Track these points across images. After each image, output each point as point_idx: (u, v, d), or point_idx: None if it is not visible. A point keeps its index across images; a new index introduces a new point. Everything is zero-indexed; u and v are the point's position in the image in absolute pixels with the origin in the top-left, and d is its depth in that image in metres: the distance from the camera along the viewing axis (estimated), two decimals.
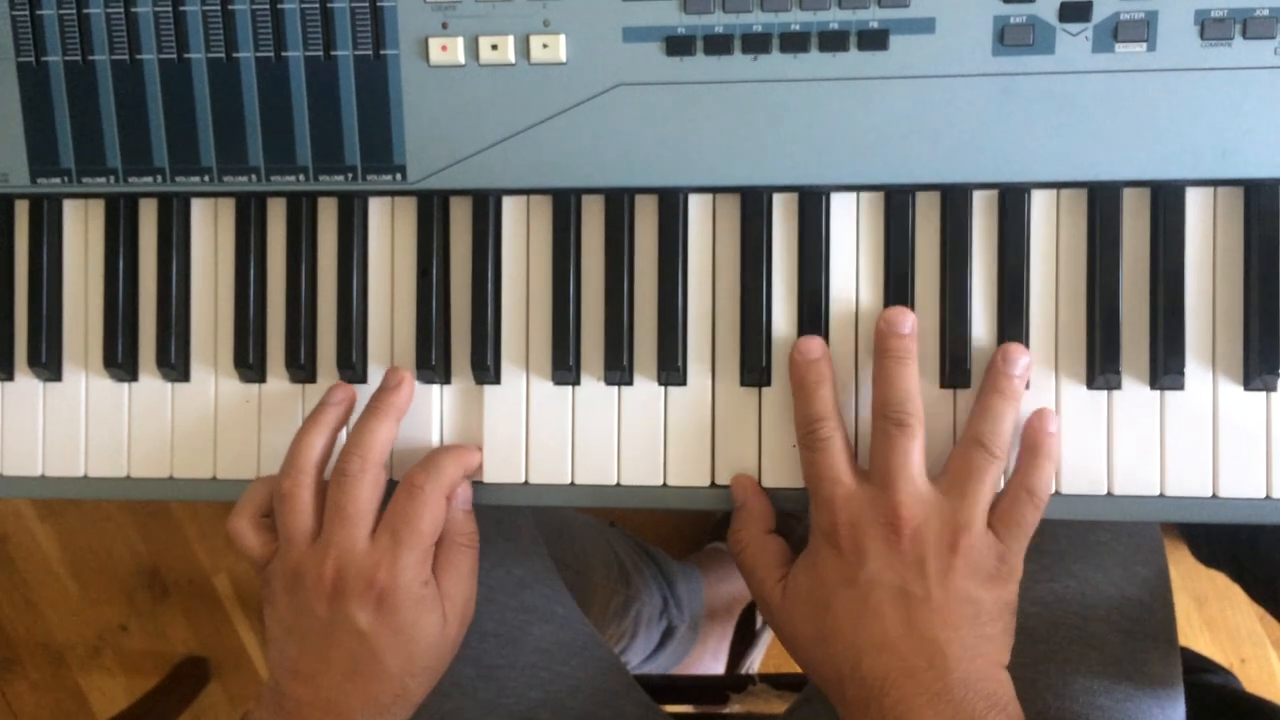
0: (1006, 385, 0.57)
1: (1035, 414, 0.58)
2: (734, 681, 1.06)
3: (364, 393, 0.63)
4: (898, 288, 0.59)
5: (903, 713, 0.54)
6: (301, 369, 0.63)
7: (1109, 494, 0.59)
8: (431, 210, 0.62)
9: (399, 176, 0.61)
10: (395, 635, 0.58)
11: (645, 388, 0.61)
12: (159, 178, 0.63)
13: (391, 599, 0.58)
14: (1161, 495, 0.58)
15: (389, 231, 0.63)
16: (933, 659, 0.54)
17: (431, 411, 0.63)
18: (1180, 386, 0.58)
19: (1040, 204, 0.59)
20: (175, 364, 0.63)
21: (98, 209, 0.65)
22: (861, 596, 0.56)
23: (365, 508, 0.59)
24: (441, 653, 0.61)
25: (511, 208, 0.62)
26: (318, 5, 0.60)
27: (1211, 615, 1.32)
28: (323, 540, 0.59)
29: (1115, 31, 0.57)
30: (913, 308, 0.59)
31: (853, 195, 0.60)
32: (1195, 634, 1.31)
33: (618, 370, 0.61)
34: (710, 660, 1.30)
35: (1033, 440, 0.58)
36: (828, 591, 0.57)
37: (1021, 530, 0.56)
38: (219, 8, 0.61)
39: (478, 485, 0.62)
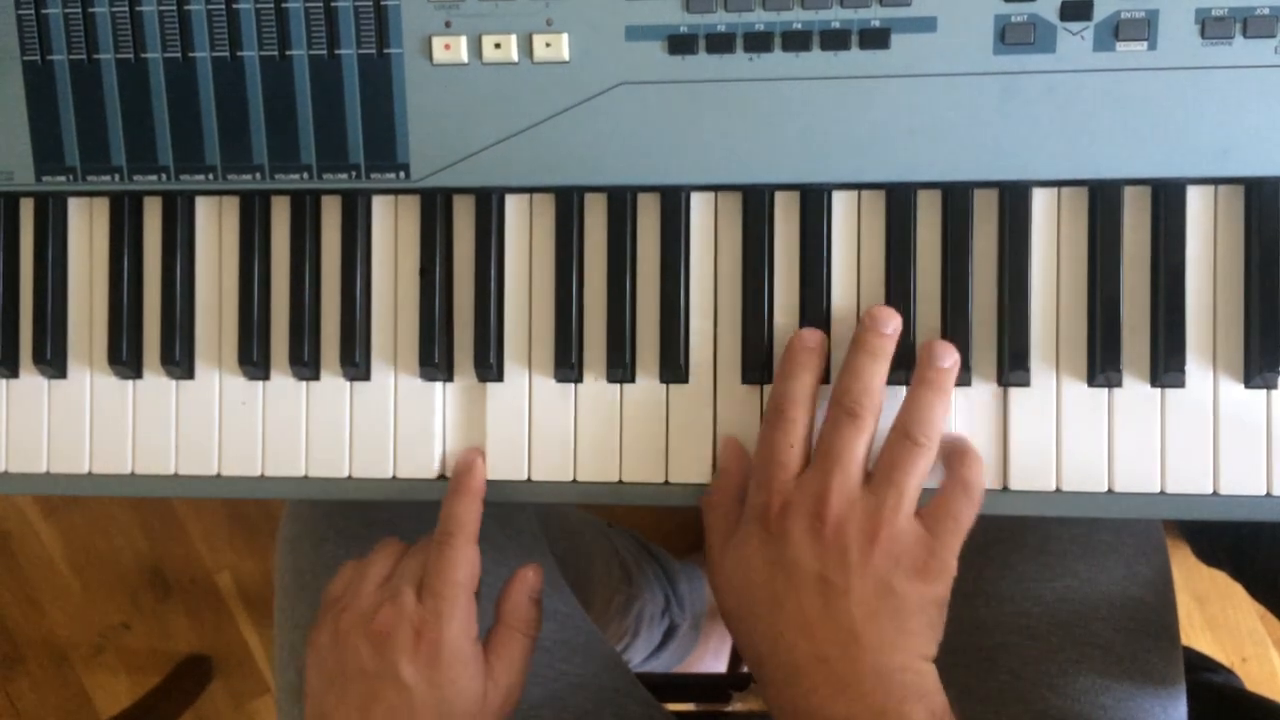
0: (934, 377, 0.57)
1: (954, 435, 0.59)
2: (736, 680, 1.06)
3: (369, 391, 0.63)
4: (899, 286, 0.60)
5: (815, 702, 0.54)
6: (305, 366, 0.63)
7: (1110, 491, 0.59)
8: (435, 208, 0.62)
9: (402, 175, 0.62)
10: (435, 691, 0.58)
11: (647, 385, 0.61)
12: (163, 176, 0.63)
13: (435, 652, 0.57)
14: (1162, 492, 0.58)
15: (392, 230, 0.63)
16: (846, 647, 0.54)
17: (434, 409, 0.63)
18: (1181, 384, 0.58)
19: (1041, 202, 0.59)
20: (179, 361, 0.64)
21: (102, 207, 0.65)
22: (784, 580, 0.56)
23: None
24: None
25: (514, 206, 0.63)
26: (322, 4, 0.61)
27: (1213, 614, 1.32)
28: (386, 589, 0.60)
29: (1116, 30, 0.57)
30: (914, 306, 0.60)
31: (854, 194, 0.60)
32: (1197, 633, 1.31)
33: (620, 368, 0.61)
34: (712, 659, 1.30)
35: (956, 445, 0.58)
36: (752, 571, 0.57)
37: (955, 524, 0.56)
38: (224, 7, 0.61)
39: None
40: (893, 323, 0.58)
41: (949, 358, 0.57)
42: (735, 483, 0.60)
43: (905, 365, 0.59)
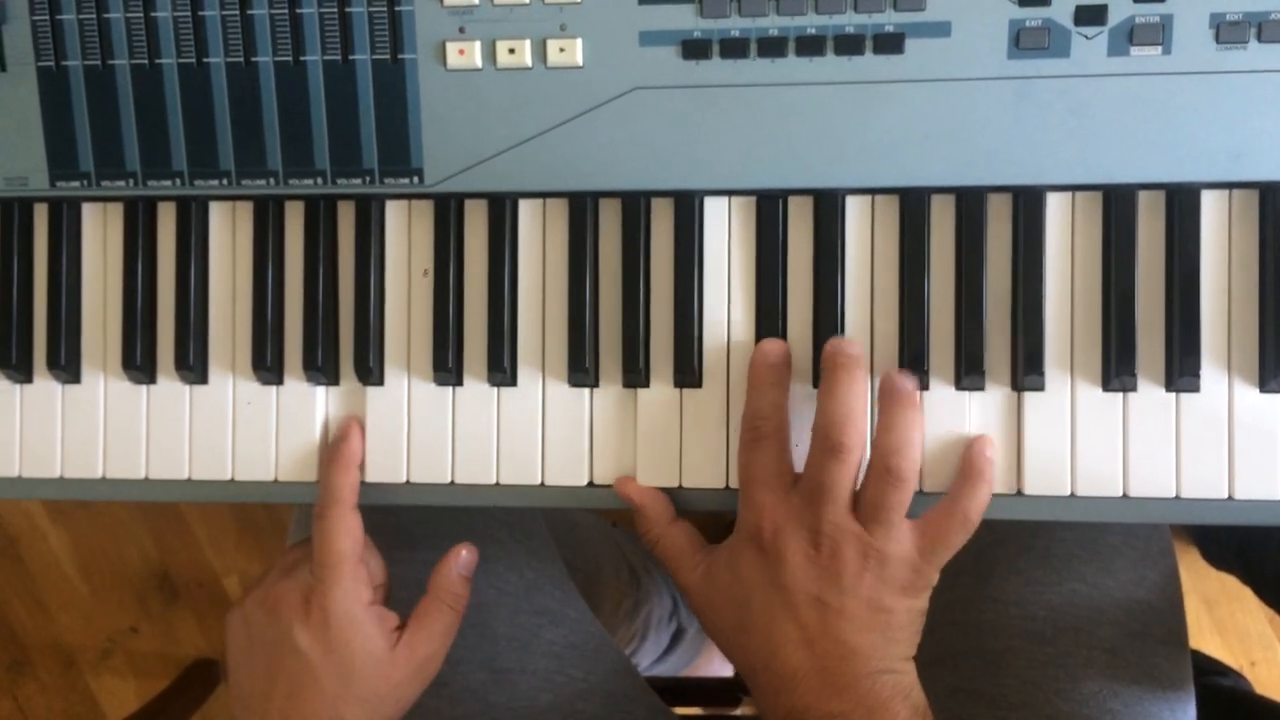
0: (906, 398, 0.57)
1: (976, 439, 0.58)
2: (743, 683, 1.06)
3: (378, 397, 0.63)
4: (913, 290, 0.60)
5: (809, 702, 0.57)
6: (319, 371, 0.63)
7: (1124, 496, 0.59)
8: (448, 214, 0.62)
9: (416, 180, 0.62)
10: (330, 655, 0.60)
11: (661, 391, 0.61)
12: (177, 181, 0.63)
13: (324, 618, 0.60)
14: (1177, 497, 0.58)
15: (406, 235, 0.63)
16: (844, 658, 0.57)
17: (447, 414, 0.63)
18: (1196, 389, 0.58)
19: (1055, 206, 0.59)
20: (193, 366, 0.64)
21: (116, 212, 0.65)
22: (781, 599, 0.58)
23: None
24: (380, 686, 0.61)
25: (528, 211, 0.63)
26: (336, 10, 0.61)
27: (1221, 617, 1.32)
28: (280, 568, 0.63)
29: (1130, 35, 0.57)
30: (928, 310, 0.60)
31: (868, 198, 0.60)
32: (1205, 636, 1.31)
33: (634, 372, 0.61)
34: (720, 662, 1.30)
35: (972, 464, 0.58)
36: (748, 589, 0.59)
37: (946, 550, 0.57)
38: (238, 12, 0.61)
39: (495, 487, 0.63)
40: (856, 345, 0.58)
41: (910, 380, 0.58)
42: (656, 512, 0.61)
43: (919, 369, 0.59)
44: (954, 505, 0.57)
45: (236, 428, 0.64)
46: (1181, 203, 0.58)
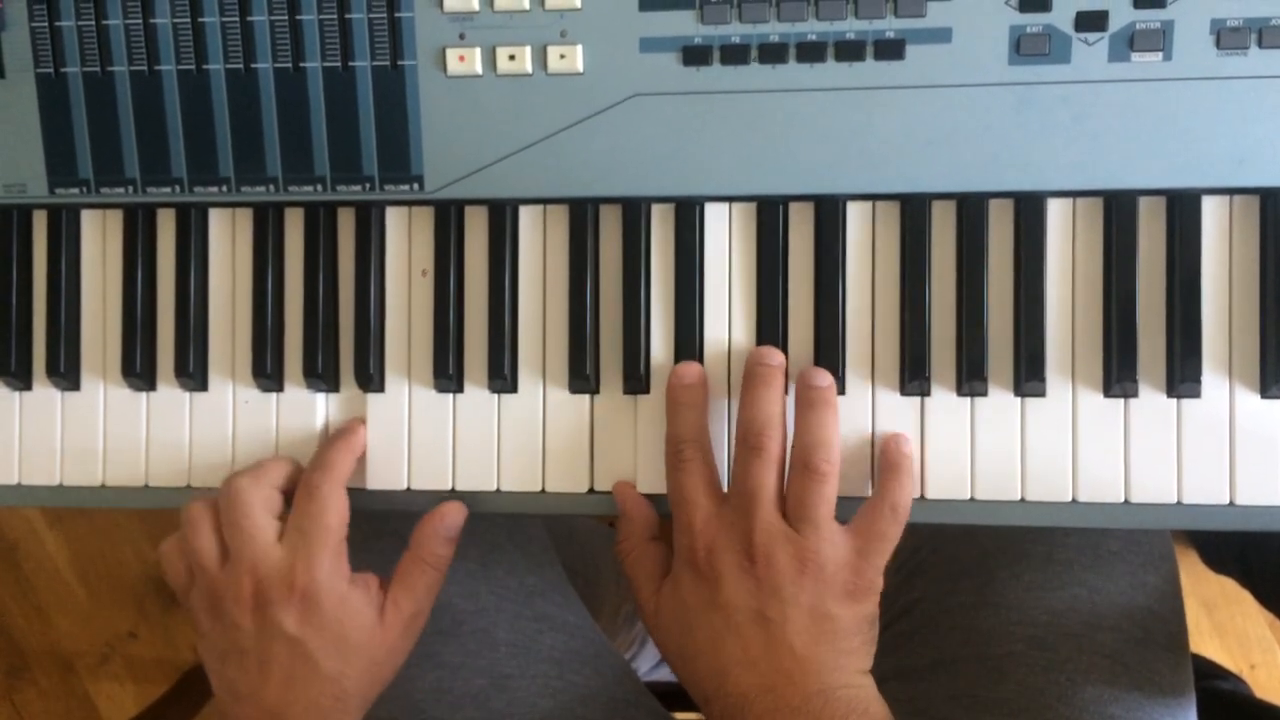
0: (816, 396, 0.58)
1: (890, 436, 0.59)
2: None
3: (379, 404, 0.63)
4: (913, 297, 0.60)
5: None
6: (319, 379, 0.63)
7: (1126, 502, 0.59)
8: (449, 220, 0.62)
9: (416, 186, 0.62)
10: (323, 634, 0.59)
11: (662, 397, 0.61)
12: (177, 188, 0.63)
13: (313, 597, 0.58)
14: (1179, 503, 0.58)
15: (406, 241, 0.63)
16: (791, 675, 0.56)
17: (446, 421, 0.63)
18: (1197, 395, 0.58)
19: (1056, 212, 0.59)
20: (193, 374, 0.64)
21: (116, 219, 0.65)
22: (722, 619, 0.57)
23: (266, 520, 0.60)
24: (376, 652, 0.60)
25: (528, 218, 0.62)
26: (336, 16, 0.61)
27: (1221, 621, 1.32)
28: (233, 556, 0.59)
29: (1131, 41, 0.57)
30: (929, 316, 0.60)
31: (869, 204, 0.60)
32: (1205, 640, 1.31)
33: (635, 380, 0.61)
34: None
35: (891, 459, 0.58)
36: (690, 614, 0.58)
37: (883, 544, 0.57)
38: (237, 19, 0.61)
39: (496, 494, 0.62)
40: (778, 355, 0.59)
41: (824, 378, 0.58)
42: (640, 525, 0.61)
43: (921, 375, 0.59)
44: (881, 500, 0.58)
45: (237, 435, 0.64)
46: (1182, 208, 0.58)
